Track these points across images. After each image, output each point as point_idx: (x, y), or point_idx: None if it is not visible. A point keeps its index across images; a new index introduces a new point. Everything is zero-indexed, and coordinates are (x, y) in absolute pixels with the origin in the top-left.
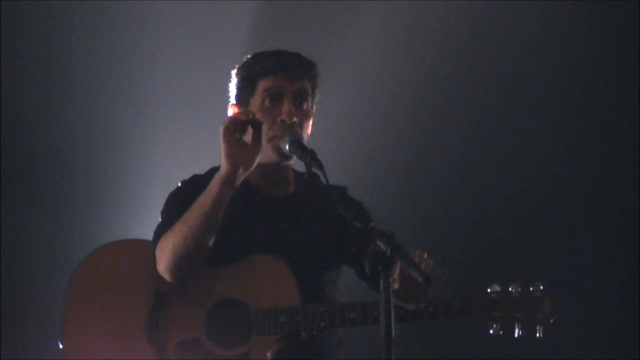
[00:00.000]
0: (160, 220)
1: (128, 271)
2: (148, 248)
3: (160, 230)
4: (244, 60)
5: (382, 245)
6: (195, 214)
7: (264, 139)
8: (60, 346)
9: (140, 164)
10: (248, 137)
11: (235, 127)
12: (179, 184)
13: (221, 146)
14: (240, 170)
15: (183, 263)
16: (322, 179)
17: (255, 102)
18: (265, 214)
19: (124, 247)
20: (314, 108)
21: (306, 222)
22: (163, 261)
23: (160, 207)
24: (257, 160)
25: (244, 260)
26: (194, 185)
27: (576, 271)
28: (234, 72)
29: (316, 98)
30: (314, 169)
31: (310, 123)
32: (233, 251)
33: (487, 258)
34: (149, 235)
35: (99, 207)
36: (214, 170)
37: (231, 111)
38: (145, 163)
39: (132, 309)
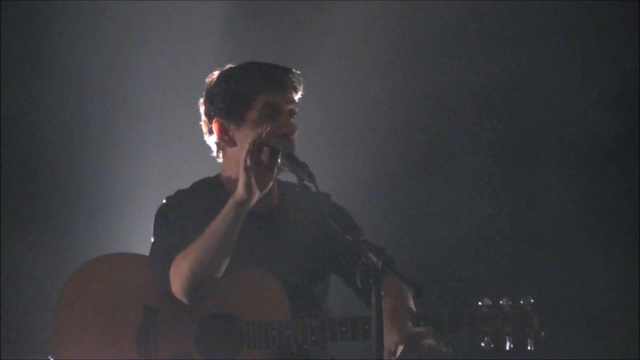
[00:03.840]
0: (154, 238)
1: (118, 285)
2: (138, 262)
3: (159, 249)
4: (226, 74)
5: (373, 259)
6: (211, 237)
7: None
8: (51, 359)
9: (131, 175)
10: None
11: (255, 149)
12: (165, 201)
13: (240, 175)
14: (257, 195)
15: (201, 285)
16: (314, 191)
17: (251, 116)
18: (251, 230)
19: (113, 261)
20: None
21: (293, 235)
22: (179, 285)
23: (148, 219)
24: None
25: (234, 274)
26: (181, 201)
27: (571, 279)
28: (213, 87)
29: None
30: (305, 182)
31: None
32: None
33: (478, 270)
34: (139, 248)
35: (92, 218)
36: (199, 184)
37: (216, 126)
38: (134, 174)
39: (123, 323)
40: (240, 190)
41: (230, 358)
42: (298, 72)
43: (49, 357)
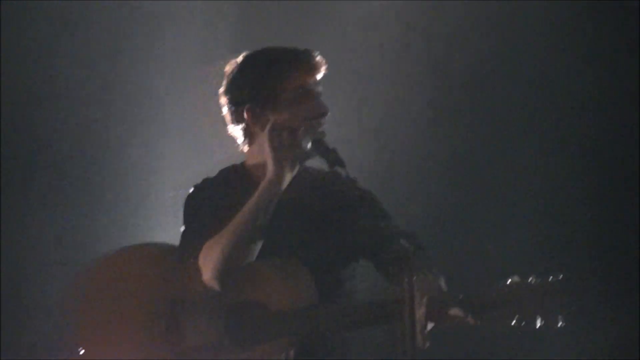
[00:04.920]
0: (183, 227)
1: (143, 276)
2: (164, 252)
3: (189, 237)
4: (255, 57)
5: (404, 245)
6: (243, 222)
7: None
8: (81, 351)
9: (148, 167)
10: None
11: (277, 132)
12: (192, 189)
13: (268, 152)
14: (289, 173)
15: (232, 269)
16: (343, 176)
17: (283, 99)
18: (278, 216)
19: (139, 251)
20: None
21: (319, 218)
22: (210, 271)
23: (169, 208)
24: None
25: (261, 262)
26: (209, 189)
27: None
28: (243, 73)
29: None
30: (335, 168)
31: None
32: None
33: (507, 249)
34: (159, 238)
35: (110, 209)
36: (225, 172)
37: (247, 114)
38: (152, 166)
39: (150, 314)
40: (271, 168)
41: (259, 346)
42: (319, 54)
43: (79, 349)
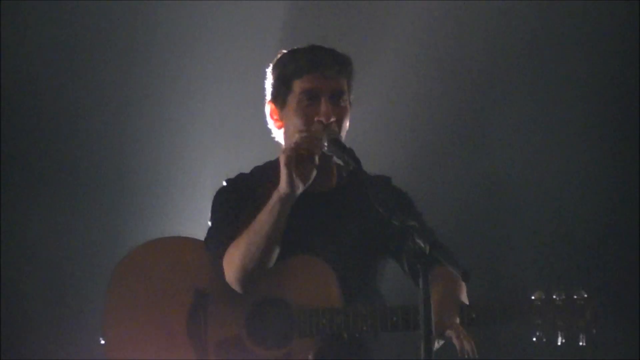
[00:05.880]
0: (211, 222)
1: (170, 268)
2: (191, 245)
3: (215, 234)
4: (278, 57)
5: (420, 243)
6: (258, 231)
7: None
8: (102, 342)
9: (183, 162)
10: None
11: (290, 154)
12: (224, 184)
13: (282, 171)
14: (300, 188)
15: (252, 276)
16: (372, 175)
17: (292, 101)
18: (307, 210)
19: (166, 244)
20: (351, 102)
21: (350, 215)
22: (232, 275)
23: (200, 204)
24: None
25: (286, 260)
26: (241, 184)
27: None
28: (269, 70)
29: (352, 93)
30: (351, 167)
31: (348, 117)
32: None
33: (532, 262)
34: (191, 233)
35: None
36: (259, 169)
37: (268, 108)
38: (187, 161)
39: (174, 306)
40: (282, 185)
41: (280, 345)
42: (343, 54)
43: (100, 338)
